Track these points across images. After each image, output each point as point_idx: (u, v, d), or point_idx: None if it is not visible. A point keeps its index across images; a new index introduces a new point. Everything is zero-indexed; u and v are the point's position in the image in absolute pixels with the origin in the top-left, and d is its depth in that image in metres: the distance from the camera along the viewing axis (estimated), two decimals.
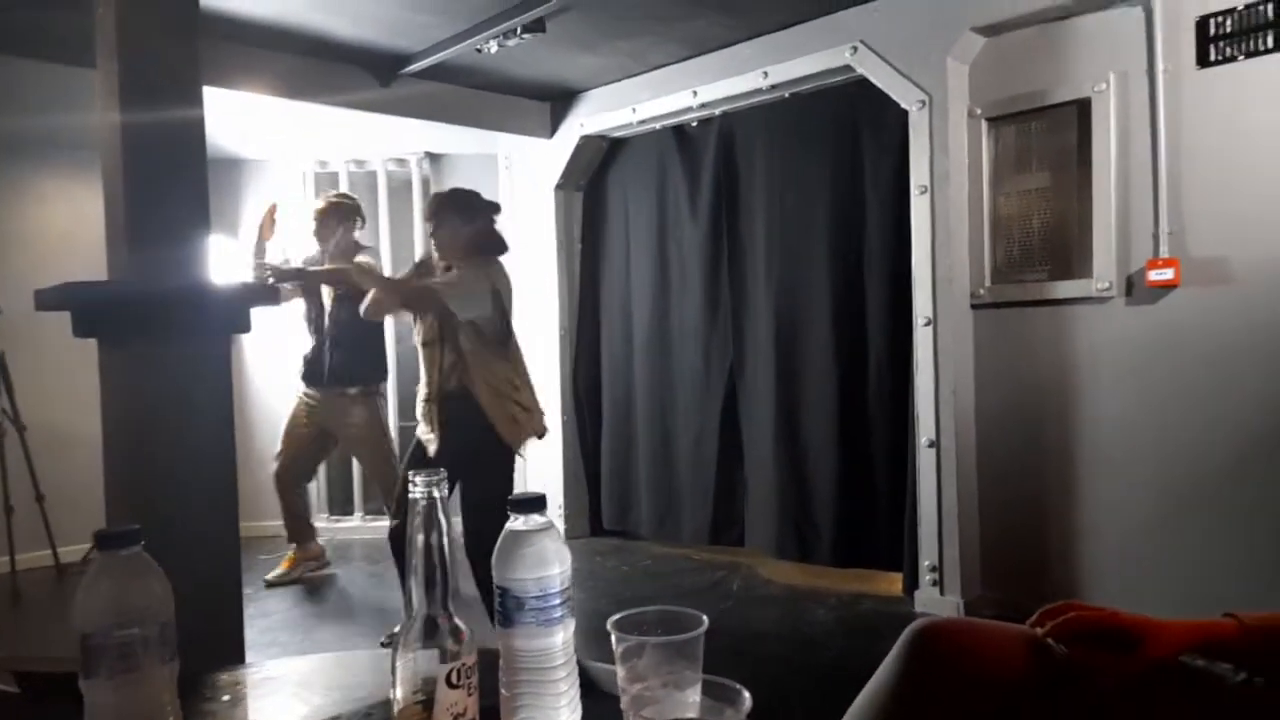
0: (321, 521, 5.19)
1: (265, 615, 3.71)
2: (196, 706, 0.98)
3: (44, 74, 3.53)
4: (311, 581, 4.23)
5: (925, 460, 3.49)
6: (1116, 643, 1.10)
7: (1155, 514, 3.08)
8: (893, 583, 3.71)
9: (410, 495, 0.74)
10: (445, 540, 0.75)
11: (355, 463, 5.19)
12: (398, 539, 3.04)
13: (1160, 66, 2.99)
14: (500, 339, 3.01)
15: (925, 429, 3.49)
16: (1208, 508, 2.96)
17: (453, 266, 3.01)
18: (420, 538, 0.74)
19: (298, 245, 4.31)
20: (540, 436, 3.10)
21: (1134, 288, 3.12)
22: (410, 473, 0.74)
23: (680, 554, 4.49)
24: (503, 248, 3.09)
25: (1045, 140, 3.35)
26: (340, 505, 5.32)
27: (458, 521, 2.95)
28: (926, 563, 3.48)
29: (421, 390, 3.02)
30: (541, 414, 3.11)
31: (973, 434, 3.49)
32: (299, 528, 4.24)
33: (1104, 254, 3.16)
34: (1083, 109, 3.21)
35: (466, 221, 3.01)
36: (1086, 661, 1.10)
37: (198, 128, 1.72)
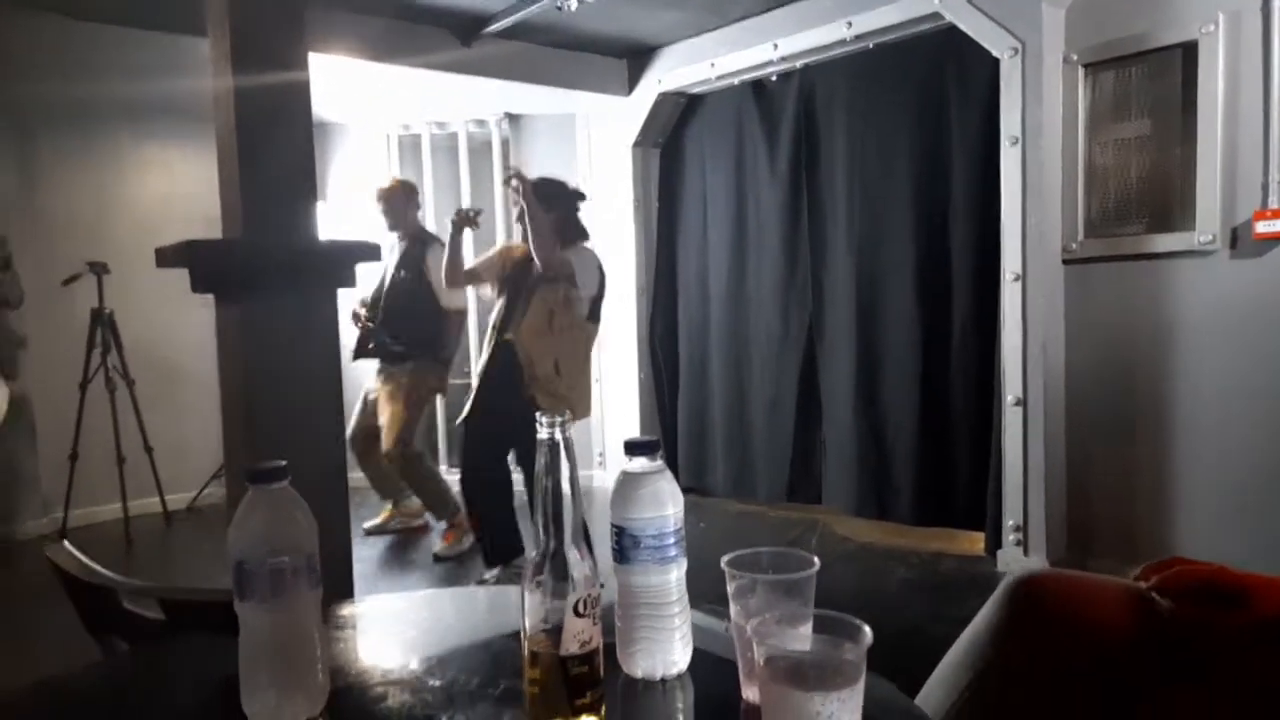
0: None
1: (360, 561, 3.88)
2: (326, 634, 1.05)
3: (146, 42, 3.66)
4: (404, 533, 4.39)
5: (1011, 419, 3.42)
6: (1223, 598, 1.08)
7: (1252, 479, 2.98)
8: (974, 542, 3.67)
9: (538, 436, 0.78)
10: (569, 479, 0.78)
11: (440, 416, 5.35)
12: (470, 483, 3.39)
13: (1276, 4, 2.83)
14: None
15: (1012, 387, 3.42)
16: None
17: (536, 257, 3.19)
18: (547, 477, 0.77)
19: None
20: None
21: (1239, 240, 2.99)
22: (538, 414, 0.78)
23: (757, 511, 4.52)
24: (582, 234, 3.33)
25: (1146, 86, 3.21)
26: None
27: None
28: (1010, 522, 3.44)
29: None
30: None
31: (1062, 393, 3.41)
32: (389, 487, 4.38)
33: (1208, 205, 3.03)
34: (1188, 52, 3.06)
35: (547, 210, 3.17)
36: (1192, 617, 1.09)
37: (304, 90, 1.78)
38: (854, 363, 4.03)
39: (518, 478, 3.51)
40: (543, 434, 0.78)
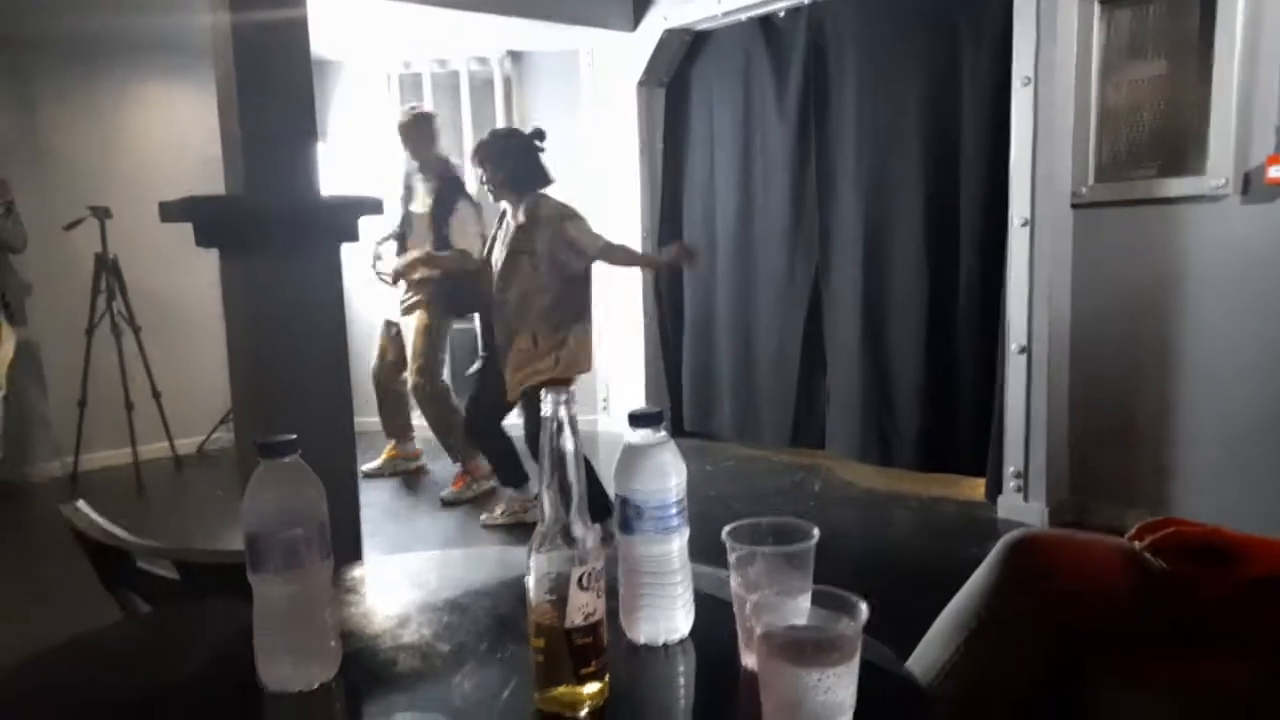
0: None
1: (369, 505, 3.93)
2: (338, 599, 1.07)
3: None
4: (406, 475, 4.45)
5: (1015, 366, 3.43)
6: (1216, 559, 1.10)
7: (1256, 429, 2.98)
8: (975, 488, 3.71)
9: (543, 412, 0.79)
10: (576, 453, 0.79)
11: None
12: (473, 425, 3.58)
13: None
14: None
15: (1016, 334, 3.42)
16: None
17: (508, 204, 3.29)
18: (554, 451, 0.78)
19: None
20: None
21: (1251, 185, 2.95)
22: (542, 391, 0.79)
23: (761, 455, 4.56)
24: (534, 180, 3.24)
25: (1164, 24, 3.13)
26: None
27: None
28: (1011, 469, 3.47)
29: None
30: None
31: (1067, 340, 3.41)
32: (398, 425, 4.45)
33: (1221, 149, 2.98)
34: None
35: (496, 169, 3.22)
36: (1185, 577, 1.10)
37: (303, 27, 1.74)
38: (859, 308, 4.02)
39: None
40: (546, 410, 0.79)
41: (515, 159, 3.23)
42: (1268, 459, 2.95)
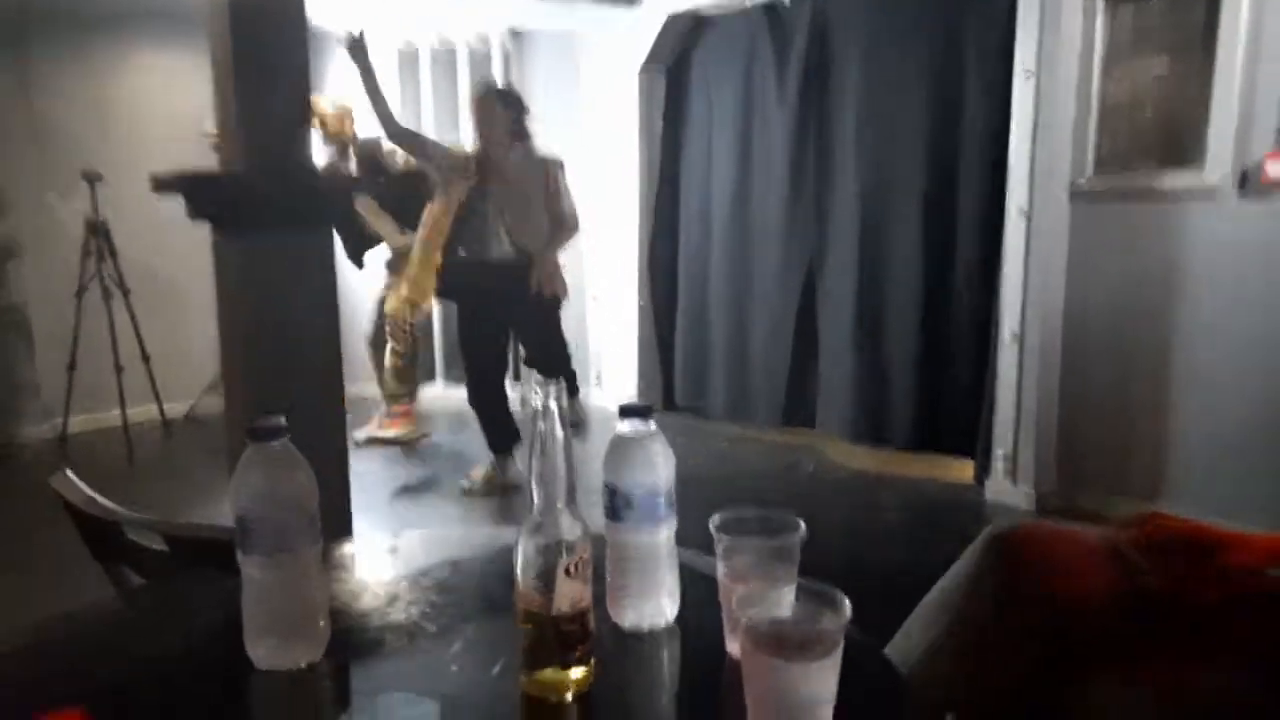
0: None
1: (360, 475, 3.94)
2: (327, 579, 1.08)
3: None
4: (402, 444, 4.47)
5: (1007, 353, 3.45)
6: (1196, 552, 1.11)
7: (1246, 425, 3.00)
8: (964, 470, 3.73)
9: (533, 403, 0.79)
10: (566, 442, 0.80)
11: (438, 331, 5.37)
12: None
13: None
14: None
15: (1010, 322, 3.43)
16: None
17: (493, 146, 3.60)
18: (543, 440, 0.79)
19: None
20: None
21: (1248, 183, 2.95)
22: (534, 382, 0.79)
23: (752, 434, 4.57)
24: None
25: (1167, 20, 3.12)
26: (424, 373, 5.51)
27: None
28: (1000, 452, 3.49)
29: None
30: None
31: (1059, 329, 3.42)
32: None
33: (1220, 146, 2.98)
34: None
35: (504, 108, 3.60)
36: (1166, 571, 1.12)
37: (299, 3, 1.72)
38: (854, 290, 4.02)
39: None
40: (537, 401, 0.79)
41: (521, 114, 3.66)
42: (1255, 452, 2.98)
